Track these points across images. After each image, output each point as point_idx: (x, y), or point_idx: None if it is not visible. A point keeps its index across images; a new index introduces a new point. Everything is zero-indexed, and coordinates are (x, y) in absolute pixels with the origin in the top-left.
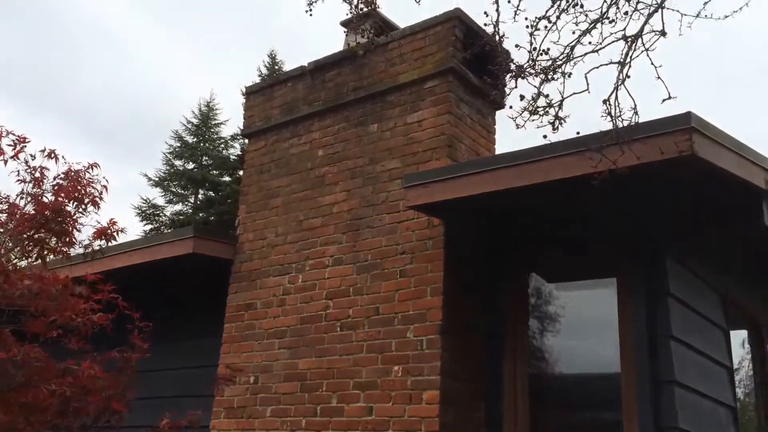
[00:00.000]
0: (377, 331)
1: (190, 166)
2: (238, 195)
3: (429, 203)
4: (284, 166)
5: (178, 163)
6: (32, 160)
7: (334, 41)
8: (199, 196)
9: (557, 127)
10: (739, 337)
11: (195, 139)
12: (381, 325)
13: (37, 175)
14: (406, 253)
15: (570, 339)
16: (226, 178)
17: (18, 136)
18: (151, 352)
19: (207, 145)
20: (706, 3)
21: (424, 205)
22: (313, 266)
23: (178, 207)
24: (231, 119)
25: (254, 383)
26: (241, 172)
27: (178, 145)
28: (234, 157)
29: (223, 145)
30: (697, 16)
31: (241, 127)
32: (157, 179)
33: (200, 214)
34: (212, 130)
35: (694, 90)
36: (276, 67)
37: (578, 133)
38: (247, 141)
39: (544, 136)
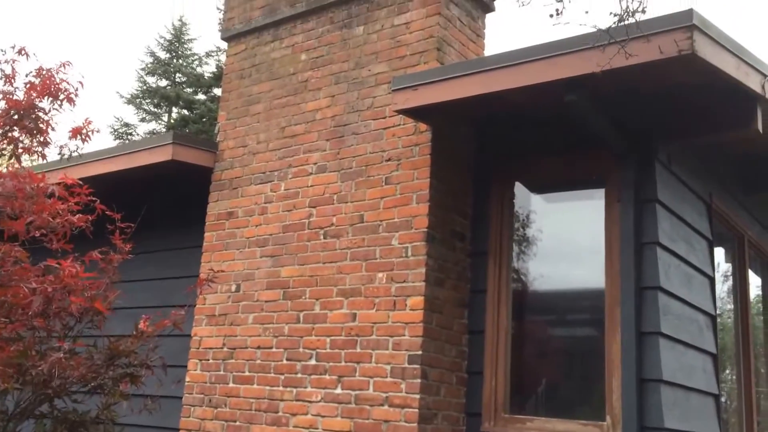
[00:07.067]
0: (361, 239)
1: (163, 83)
2: (213, 114)
3: (418, 107)
4: (265, 70)
5: (150, 80)
6: (3, 54)
7: None
8: (173, 114)
9: (561, 11)
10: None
11: (168, 55)
12: (365, 233)
13: (8, 71)
14: (392, 160)
15: (555, 252)
16: (201, 96)
17: None
18: (131, 263)
19: (180, 61)
20: None
21: (412, 109)
22: (295, 174)
23: (152, 125)
24: (203, 36)
25: (236, 291)
26: (216, 90)
27: (151, 60)
28: (209, 74)
29: (197, 62)
30: None
31: (220, 30)
32: (129, 96)
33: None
34: (185, 46)
35: None
36: None
37: (586, 12)
38: (226, 45)
39: (551, 15)
